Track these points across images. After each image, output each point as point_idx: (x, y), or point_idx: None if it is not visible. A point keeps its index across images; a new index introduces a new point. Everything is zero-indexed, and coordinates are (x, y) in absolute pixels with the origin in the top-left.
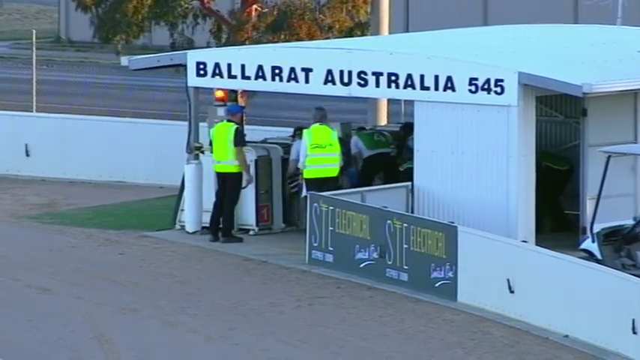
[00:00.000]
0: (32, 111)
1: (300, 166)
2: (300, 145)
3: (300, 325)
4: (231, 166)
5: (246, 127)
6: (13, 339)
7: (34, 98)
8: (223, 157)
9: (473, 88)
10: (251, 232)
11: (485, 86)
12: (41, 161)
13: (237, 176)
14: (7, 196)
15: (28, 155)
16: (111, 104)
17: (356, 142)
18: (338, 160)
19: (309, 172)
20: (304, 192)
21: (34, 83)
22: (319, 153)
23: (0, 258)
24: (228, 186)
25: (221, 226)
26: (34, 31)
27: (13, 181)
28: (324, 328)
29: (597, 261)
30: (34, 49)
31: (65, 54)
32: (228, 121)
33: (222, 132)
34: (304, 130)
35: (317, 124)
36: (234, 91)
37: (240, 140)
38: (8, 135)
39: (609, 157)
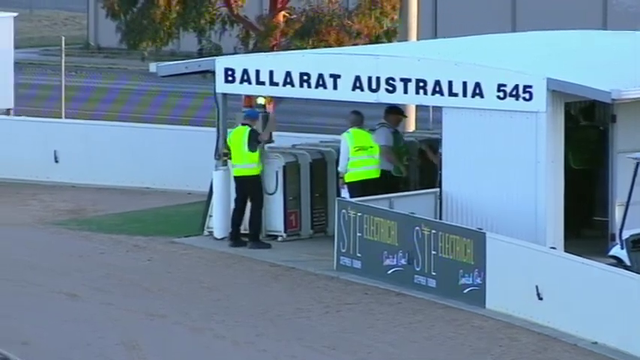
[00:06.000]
0: (61, 117)
1: (341, 169)
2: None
3: (327, 332)
4: (248, 169)
5: (274, 133)
6: (41, 344)
7: (63, 104)
8: (240, 161)
9: (501, 94)
10: (279, 239)
11: (514, 92)
12: (70, 167)
13: (256, 179)
14: (35, 202)
15: (56, 161)
16: (139, 110)
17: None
18: (378, 161)
19: (352, 176)
20: (345, 195)
21: (63, 89)
22: (362, 155)
23: (28, 264)
24: (249, 190)
25: (246, 231)
26: (63, 38)
27: (41, 187)
28: (352, 335)
29: (626, 267)
30: (62, 55)
31: (94, 60)
32: (244, 124)
33: (238, 136)
34: (343, 135)
35: (355, 128)
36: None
37: (254, 138)
38: (37, 141)
39: (638, 163)
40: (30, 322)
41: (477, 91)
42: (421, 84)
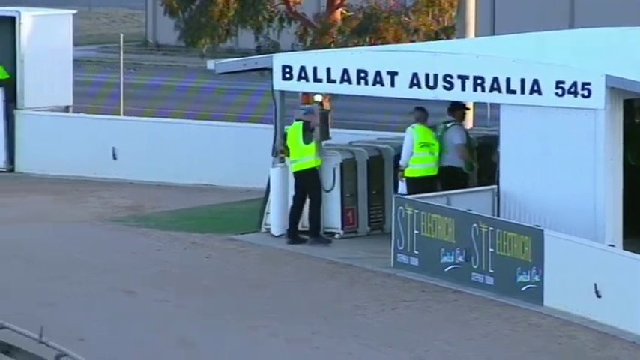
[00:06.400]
0: (120, 114)
1: (403, 163)
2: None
3: (384, 329)
4: (306, 162)
5: (331, 130)
6: (98, 340)
7: (122, 102)
8: (298, 155)
9: (559, 91)
10: (337, 236)
11: (572, 89)
12: (128, 164)
13: (314, 173)
14: (93, 199)
15: (115, 159)
16: (198, 107)
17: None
18: (437, 159)
19: (412, 171)
20: (403, 189)
21: (122, 87)
22: (424, 152)
23: (84, 260)
24: (307, 185)
25: (304, 228)
26: (122, 35)
27: (100, 184)
28: (409, 332)
29: None
30: (121, 52)
31: (152, 57)
32: (298, 120)
33: (294, 132)
34: (408, 129)
35: (419, 124)
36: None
37: (307, 128)
38: (96, 138)
39: None
40: (87, 318)
41: (535, 88)
42: (479, 81)
